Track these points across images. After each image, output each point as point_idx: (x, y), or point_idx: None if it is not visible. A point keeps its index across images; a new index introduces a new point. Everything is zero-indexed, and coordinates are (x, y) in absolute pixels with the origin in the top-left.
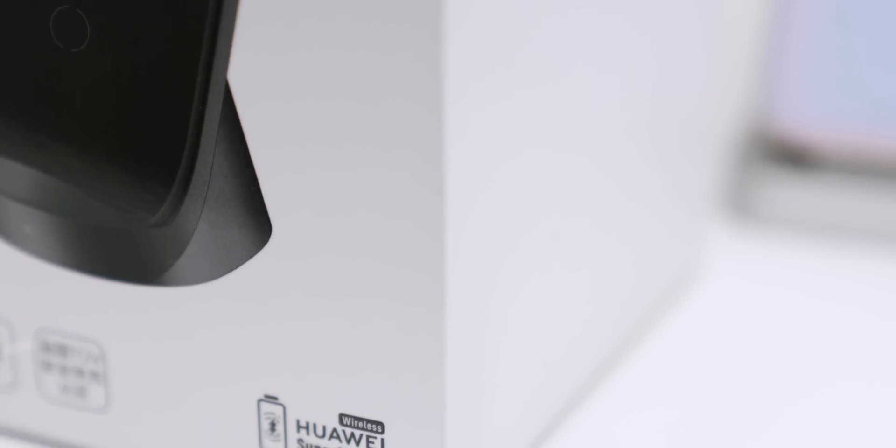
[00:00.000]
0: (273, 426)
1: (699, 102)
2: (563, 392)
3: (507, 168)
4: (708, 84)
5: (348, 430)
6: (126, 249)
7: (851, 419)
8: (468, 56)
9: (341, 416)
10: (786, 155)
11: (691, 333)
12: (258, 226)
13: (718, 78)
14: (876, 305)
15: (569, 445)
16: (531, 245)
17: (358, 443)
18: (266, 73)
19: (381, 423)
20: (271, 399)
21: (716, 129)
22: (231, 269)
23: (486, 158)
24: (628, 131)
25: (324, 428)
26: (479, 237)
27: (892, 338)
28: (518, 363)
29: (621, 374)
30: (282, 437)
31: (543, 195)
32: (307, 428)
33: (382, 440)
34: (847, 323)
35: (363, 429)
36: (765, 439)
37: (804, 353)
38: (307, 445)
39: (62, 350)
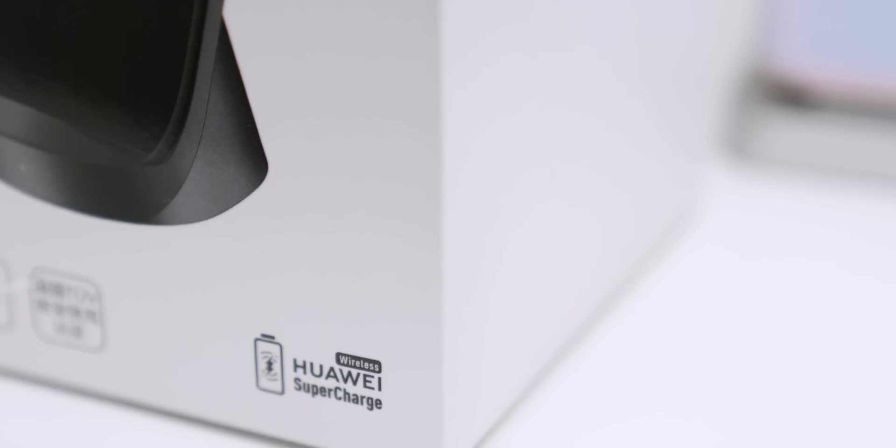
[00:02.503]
0: (270, 365)
1: (698, 43)
2: (563, 330)
3: (505, 108)
4: (707, 24)
5: (345, 370)
6: (122, 188)
7: (837, 341)
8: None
9: (338, 356)
10: (785, 95)
11: (690, 270)
12: (254, 164)
13: (717, 18)
14: (872, 244)
15: (570, 383)
16: (529, 184)
17: (355, 382)
18: (262, 9)
19: (378, 363)
20: (268, 338)
21: (715, 69)
22: (227, 208)
23: (484, 98)
24: (628, 72)
25: (321, 367)
26: (477, 175)
27: (885, 275)
28: (516, 301)
29: (621, 311)
30: (279, 377)
31: (541, 134)
32: (304, 367)
33: (380, 379)
34: (843, 260)
35: (360, 368)
36: (757, 359)
37: (800, 288)
38: (304, 385)
39: (58, 289)
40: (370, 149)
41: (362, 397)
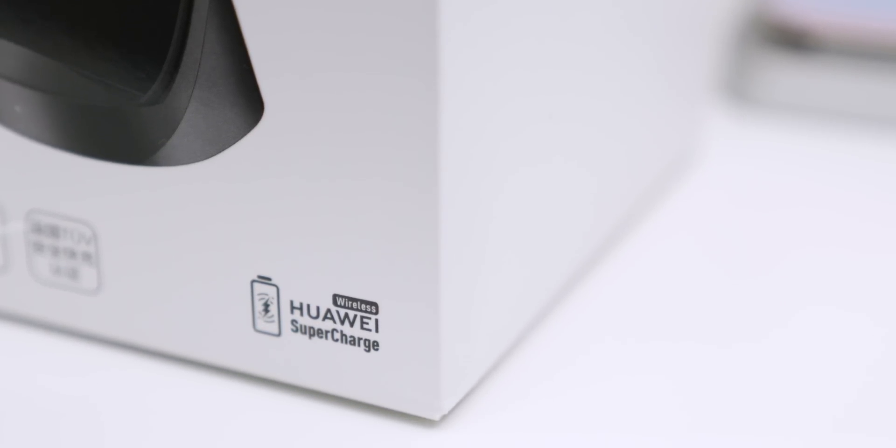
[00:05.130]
0: (266, 307)
1: None
2: (561, 271)
3: (503, 51)
4: None
5: (342, 311)
6: (117, 129)
7: (835, 279)
8: None
9: (335, 297)
10: (784, 38)
11: (689, 213)
12: (250, 104)
13: None
14: (871, 187)
15: (565, 324)
16: (527, 127)
17: (352, 324)
18: None
19: (375, 304)
20: (264, 280)
21: (713, 12)
22: (223, 149)
23: (482, 41)
24: (626, 16)
25: (318, 309)
26: (474, 117)
27: (883, 217)
28: (513, 243)
29: (620, 252)
30: (275, 319)
31: (539, 78)
32: (301, 309)
33: (377, 321)
34: (842, 202)
35: (357, 309)
36: (755, 289)
37: (799, 229)
38: (301, 326)
39: (54, 231)
40: (367, 92)
41: (359, 339)
